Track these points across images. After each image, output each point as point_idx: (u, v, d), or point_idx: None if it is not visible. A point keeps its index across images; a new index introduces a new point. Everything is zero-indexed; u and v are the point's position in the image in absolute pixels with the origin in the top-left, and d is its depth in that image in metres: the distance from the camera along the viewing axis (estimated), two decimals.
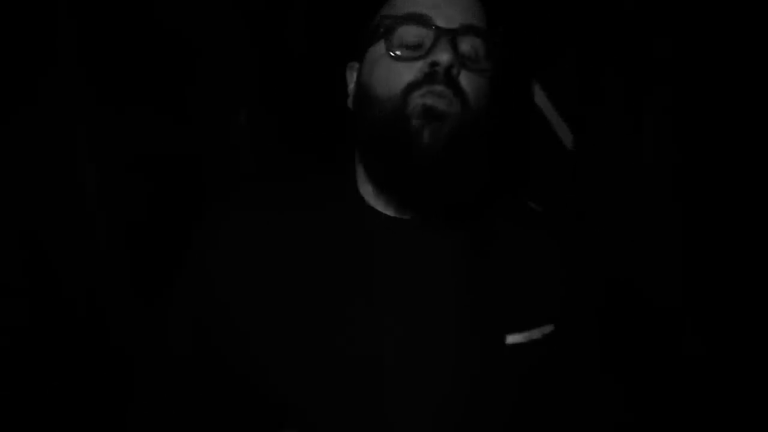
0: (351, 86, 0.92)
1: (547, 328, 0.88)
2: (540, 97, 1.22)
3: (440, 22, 0.83)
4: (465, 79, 0.83)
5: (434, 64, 0.82)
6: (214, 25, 1.46)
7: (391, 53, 0.84)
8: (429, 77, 0.82)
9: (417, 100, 0.81)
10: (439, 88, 0.81)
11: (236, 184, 1.02)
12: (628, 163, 1.30)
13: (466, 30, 0.84)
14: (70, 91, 1.26)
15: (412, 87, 0.82)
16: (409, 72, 0.83)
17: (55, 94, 1.25)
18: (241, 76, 1.46)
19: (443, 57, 0.81)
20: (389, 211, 0.88)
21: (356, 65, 0.91)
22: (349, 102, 0.92)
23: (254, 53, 1.47)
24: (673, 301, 1.30)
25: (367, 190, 0.88)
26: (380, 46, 0.85)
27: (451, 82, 0.82)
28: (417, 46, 0.83)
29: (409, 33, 0.84)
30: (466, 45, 0.84)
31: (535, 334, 0.88)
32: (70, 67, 1.25)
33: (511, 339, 0.87)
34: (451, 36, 0.83)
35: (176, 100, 1.39)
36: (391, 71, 0.84)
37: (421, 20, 0.83)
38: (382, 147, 0.83)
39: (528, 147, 1.26)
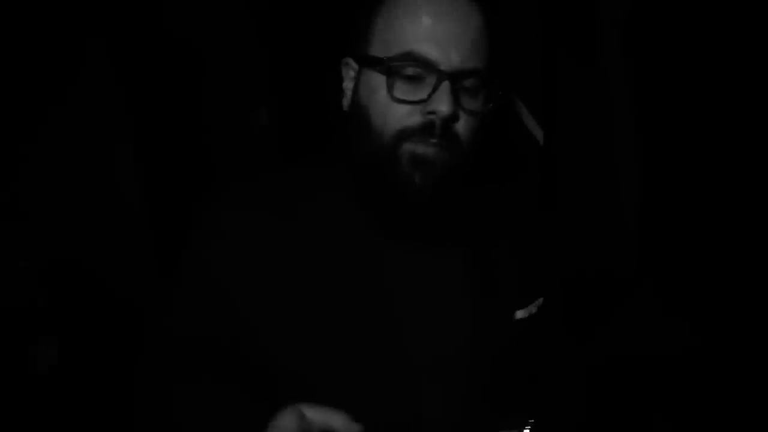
0: (347, 85, 0.92)
1: (540, 300, 0.98)
2: (515, 101, 1.38)
3: (444, 65, 0.83)
4: (460, 125, 0.85)
5: (433, 112, 0.83)
6: (222, 31, 1.60)
7: (391, 95, 0.84)
8: (426, 128, 0.83)
9: (409, 146, 0.83)
10: (433, 140, 0.83)
11: (229, 182, 1.04)
12: (597, 156, 1.46)
13: (469, 74, 0.84)
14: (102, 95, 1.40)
15: (407, 133, 0.84)
16: (408, 117, 0.84)
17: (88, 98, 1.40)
18: (253, 77, 1.59)
19: (443, 108, 0.82)
20: None
21: (352, 64, 0.91)
22: (345, 102, 0.92)
23: (263, 53, 1.60)
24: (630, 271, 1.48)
25: (358, 189, 0.91)
26: (380, 79, 0.85)
27: (447, 132, 0.83)
28: (418, 82, 0.84)
29: (412, 68, 0.84)
30: (466, 89, 0.85)
31: (533, 308, 0.97)
32: (102, 76, 1.40)
33: (519, 314, 0.95)
34: (453, 81, 0.83)
35: (193, 103, 1.54)
36: (390, 111, 0.84)
37: (424, 63, 0.83)
38: (375, 180, 0.86)
39: (506, 142, 1.41)
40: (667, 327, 1.46)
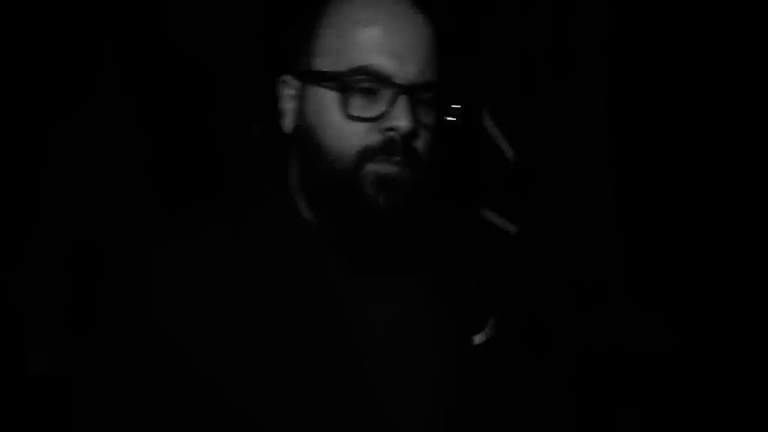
0: (287, 105, 0.85)
1: (492, 321, 0.95)
2: (486, 120, 1.46)
3: (400, 79, 0.79)
4: (421, 140, 0.81)
5: (393, 129, 0.78)
6: (227, 47, 1.70)
7: (346, 113, 0.79)
8: (387, 146, 0.78)
9: (373, 167, 0.79)
10: (396, 158, 0.78)
11: (162, 216, 1.00)
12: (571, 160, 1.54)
13: (426, 87, 0.80)
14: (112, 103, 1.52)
15: (369, 153, 0.79)
16: (366, 135, 0.79)
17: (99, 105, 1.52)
18: (253, 93, 1.70)
19: (402, 124, 0.78)
20: None
21: (292, 82, 0.84)
22: (286, 124, 0.85)
23: (263, 69, 1.69)
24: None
25: (311, 216, 0.85)
26: (332, 96, 0.80)
27: (409, 149, 0.79)
28: (372, 97, 0.79)
29: (367, 82, 0.79)
30: (423, 102, 0.81)
31: (489, 331, 0.94)
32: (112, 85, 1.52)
33: (477, 339, 0.93)
34: (411, 95, 0.79)
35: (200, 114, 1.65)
36: (346, 130, 0.79)
37: (380, 77, 0.78)
38: (332, 204, 0.81)
39: (478, 161, 1.50)
40: (639, 322, 1.54)
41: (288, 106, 0.85)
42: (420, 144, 0.81)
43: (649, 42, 1.51)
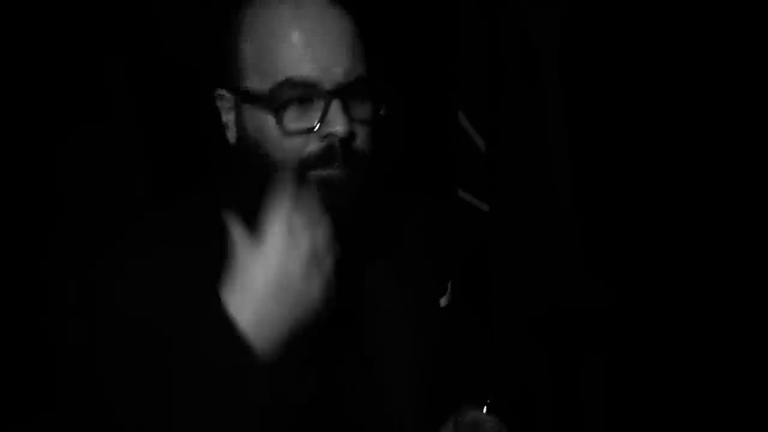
0: (228, 118, 0.85)
1: (448, 285, 1.00)
2: (461, 117, 1.66)
3: (328, 83, 0.78)
4: (360, 139, 0.81)
5: (329, 135, 0.78)
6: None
7: (282, 128, 0.79)
8: (326, 153, 0.79)
9: (316, 173, 0.79)
10: (336, 163, 0.79)
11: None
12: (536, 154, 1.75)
13: (355, 84, 0.80)
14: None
15: (311, 162, 0.79)
16: (305, 145, 0.79)
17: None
18: None
19: (338, 129, 0.78)
20: None
21: (228, 97, 0.84)
22: (229, 136, 0.86)
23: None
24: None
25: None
26: (263, 113, 0.80)
27: (349, 150, 0.79)
28: (306, 104, 0.79)
29: (296, 93, 0.79)
30: (356, 99, 0.81)
31: (448, 294, 0.99)
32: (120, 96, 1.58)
33: (442, 302, 0.98)
34: (342, 97, 0.79)
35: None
36: (284, 144, 0.79)
37: (308, 86, 0.78)
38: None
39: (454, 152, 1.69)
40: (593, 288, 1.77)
41: (228, 117, 0.86)
42: (359, 143, 0.81)
43: (599, 45, 1.73)
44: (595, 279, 1.79)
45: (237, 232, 0.75)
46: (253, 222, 0.76)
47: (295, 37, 0.78)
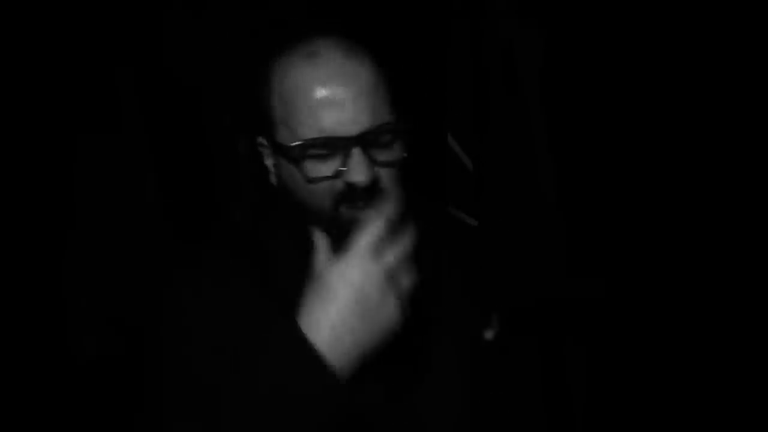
0: (269, 162, 0.92)
1: (494, 317, 1.01)
2: (450, 140, 1.77)
3: (350, 132, 0.81)
4: (382, 181, 0.84)
5: (352, 183, 0.82)
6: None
7: (307, 179, 0.83)
8: (349, 197, 0.83)
9: (344, 209, 0.84)
10: (360, 204, 0.83)
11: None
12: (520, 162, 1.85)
13: (376, 131, 0.82)
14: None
15: (338, 201, 0.84)
16: (331, 190, 0.84)
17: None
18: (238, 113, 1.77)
19: (360, 178, 0.81)
20: None
21: (266, 145, 0.91)
22: (272, 179, 0.92)
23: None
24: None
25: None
26: (292, 165, 0.85)
27: (371, 194, 0.83)
28: (330, 153, 0.83)
29: (319, 145, 0.82)
30: (378, 145, 0.83)
31: (495, 326, 1.00)
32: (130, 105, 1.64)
33: (487, 335, 0.99)
34: (364, 145, 0.82)
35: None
36: (312, 190, 0.84)
37: (329, 140, 0.82)
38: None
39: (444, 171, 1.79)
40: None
41: (268, 162, 0.92)
42: (383, 183, 0.84)
43: (579, 60, 1.83)
44: (580, 275, 1.88)
45: (321, 251, 0.81)
46: (300, 248, 0.86)
47: (319, 90, 0.82)
